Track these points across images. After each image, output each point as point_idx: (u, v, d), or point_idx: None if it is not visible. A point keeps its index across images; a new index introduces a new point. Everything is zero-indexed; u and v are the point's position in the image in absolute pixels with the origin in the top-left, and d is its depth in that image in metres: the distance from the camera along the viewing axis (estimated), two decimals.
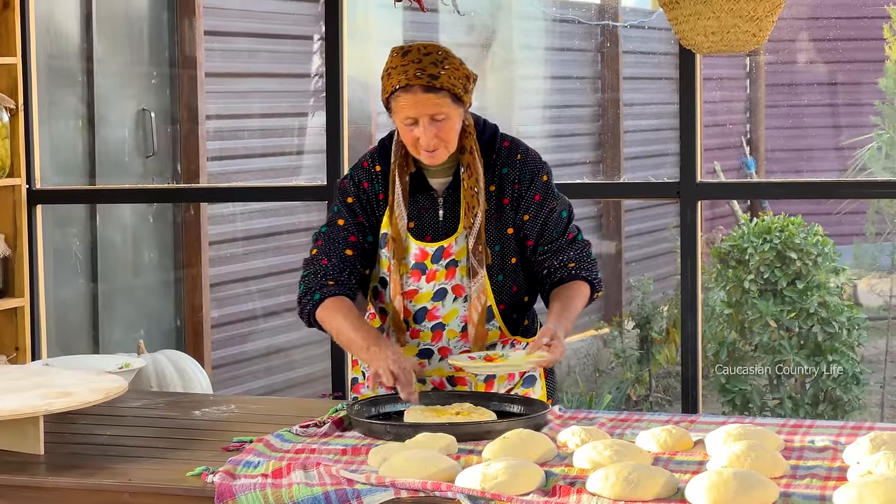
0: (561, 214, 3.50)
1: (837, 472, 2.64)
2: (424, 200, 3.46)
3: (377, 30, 7.26)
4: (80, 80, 6.25)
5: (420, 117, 3.33)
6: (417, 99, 3.32)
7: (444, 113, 3.33)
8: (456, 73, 3.35)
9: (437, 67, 3.32)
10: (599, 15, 8.54)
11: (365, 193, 3.49)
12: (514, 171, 3.46)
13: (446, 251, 3.43)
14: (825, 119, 8.52)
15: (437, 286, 3.44)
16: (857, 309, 7.05)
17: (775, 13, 3.68)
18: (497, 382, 3.48)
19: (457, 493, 2.55)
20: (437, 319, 3.45)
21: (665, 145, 8.36)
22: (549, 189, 3.49)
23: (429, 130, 3.33)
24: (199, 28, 6.62)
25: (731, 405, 6.79)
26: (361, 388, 3.60)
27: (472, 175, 3.40)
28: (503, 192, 3.45)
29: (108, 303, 6.40)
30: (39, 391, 3.13)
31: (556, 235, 3.48)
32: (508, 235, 3.46)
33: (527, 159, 3.48)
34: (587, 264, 3.50)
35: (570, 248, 3.49)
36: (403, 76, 3.32)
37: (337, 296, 3.42)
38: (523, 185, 3.46)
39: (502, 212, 3.45)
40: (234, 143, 6.95)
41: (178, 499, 2.72)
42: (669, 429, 2.90)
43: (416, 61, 3.32)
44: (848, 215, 8.05)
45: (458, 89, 3.34)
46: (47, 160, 5.85)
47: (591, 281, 3.49)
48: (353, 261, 3.46)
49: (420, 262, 3.44)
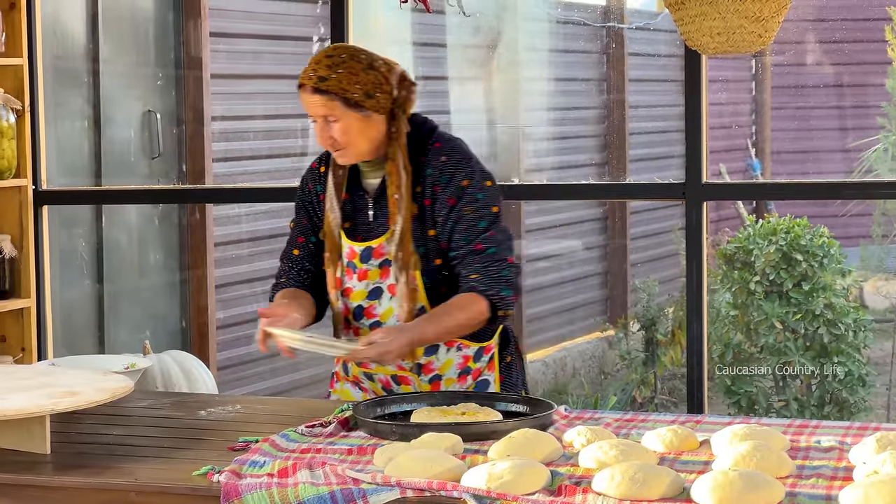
0: (476, 223, 3.41)
1: (843, 472, 2.64)
2: (358, 200, 3.50)
3: (386, 31, 7.27)
4: (86, 81, 6.26)
5: (314, 117, 3.41)
6: (309, 99, 3.40)
7: (336, 116, 3.37)
8: (353, 78, 3.35)
9: (330, 70, 3.35)
10: (605, 17, 8.54)
11: (309, 195, 3.59)
12: (436, 172, 3.44)
13: (376, 251, 3.45)
14: (831, 121, 8.51)
15: (370, 285, 3.47)
16: (863, 311, 7.05)
17: (781, 14, 3.68)
18: (444, 385, 3.50)
19: (462, 493, 2.55)
20: (374, 318, 3.49)
21: (670, 147, 8.36)
22: (464, 194, 3.41)
23: (324, 130, 3.40)
24: (205, 29, 6.63)
25: (736, 407, 6.79)
26: (335, 383, 3.65)
27: (392, 182, 3.41)
28: (425, 194, 3.44)
29: (113, 304, 6.41)
30: (45, 391, 3.13)
31: (464, 243, 3.40)
32: (430, 237, 3.45)
33: (450, 161, 3.44)
34: (490, 280, 3.36)
35: (475, 259, 3.39)
36: (303, 73, 3.40)
37: (285, 287, 3.58)
38: (441, 187, 3.43)
39: (424, 213, 3.44)
40: (239, 144, 6.95)
41: (184, 498, 2.73)
42: (675, 429, 2.90)
43: (317, 62, 3.39)
44: (854, 217, 8.05)
45: (350, 94, 3.35)
46: (53, 161, 5.85)
47: (489, 297, 3.36)
48: (300, 259, 3.60)
49: (350, 260, 3.49)
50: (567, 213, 8.54)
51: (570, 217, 8.57)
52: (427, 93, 7.63)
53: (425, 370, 3.50)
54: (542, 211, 8.30)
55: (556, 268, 8.52)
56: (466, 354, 3.51)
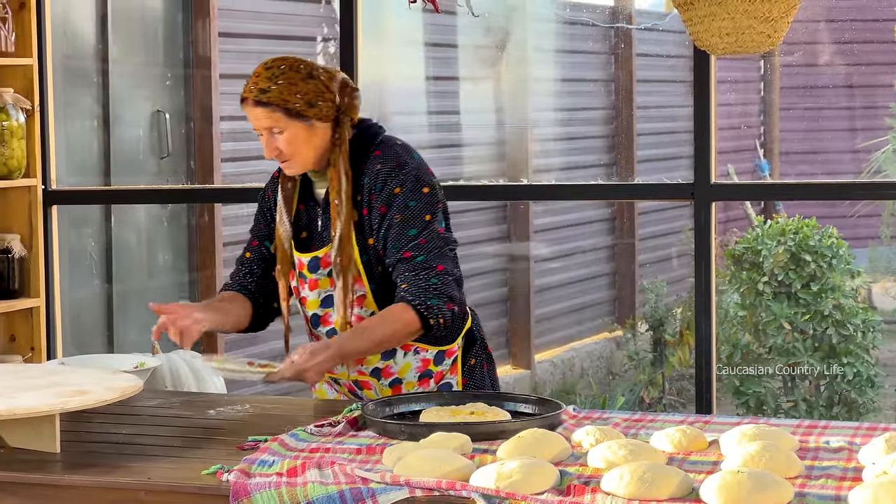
0: (405, 231, 3.40)
1: (853, 473, 2.64)
2: (311, 210, 3.54)
3: (398, 32, 7.28)
4: (96, 80, 6.27)
5: (259, 130, 3.43)
6: (252, 112, 3.42)
7: (279, 127, 3.39)
8: (292, 89, 3.37)
9: (270, 82, 3.37)
10: (613, 17, 8.54)
11: (268, 202, 3.65)
12: (372, 180, 3.44)
13: (323, 260, 3.47)
14: (840, 122, 8.50)
15: (322, 293, 3.49)
16: (872, 311, 7.05)
17: (790, 14, 3.68)
18: (405, 388, 3.51)
19: (471, 492, 2.56)
20: (329, 325, 3.51)
21: (678, 148, 8.36)
22: (394, 202, 3.40)
23: (269, 142, 3.42)
24: (214, 29, 6.64)
25: (745, 407, 6.79)
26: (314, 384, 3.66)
27: (333, 188, 3.43)
28: (363, 203, 3.45)
29: (122, 304, 6.42)
30: (55, 390, 3.14)
31: (394, 251, 3.40)
32: (370, 245, 3.45)
33: (384, 169, 3.43)
34: (419, 290, 3.34)
35: (404, 267, 3.38)
36: (245, 88, 3.42)
37: (225, 291, 3.65)
38: (375, 195, 3.43)
39: (363, 221, 3.45)
40: (247, 144, 6.96)
41: (193, 497, 2.73)
42: (684, 429, 2.90)
43: (257, 75, 3.41)
44: (863, 218, 8.03)
45: (292, 104, 3.37)
46: (63, 161, 5.87)
47: (416, 307, 3.33)
48: (249, 262, 3.66)
49: (300, 270, 3.52)
50: (575, 214, 8.54)
51: (579, 217, 8.58)
52: (438, 93, 7.64)
53: (384, 374, 3.51)
54: (551, 211, 8.31)
55: (564, 268, 8.53)
56: (426, 358, 3.52)
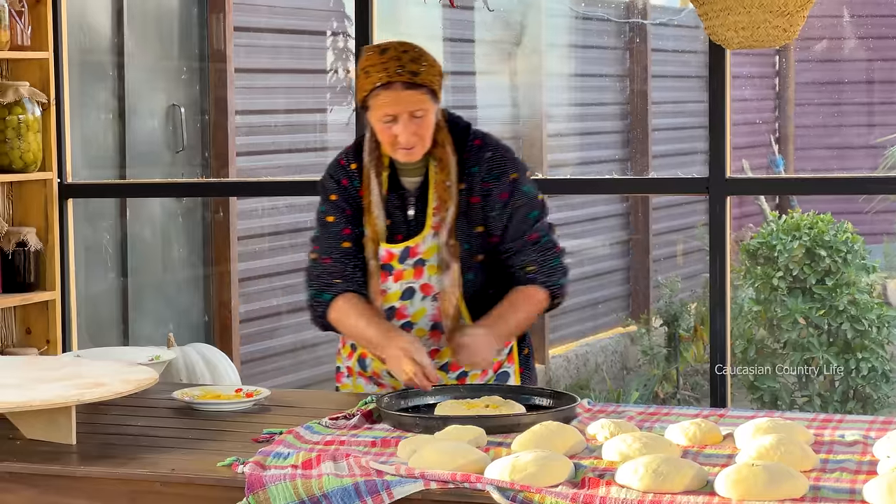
0: (528, 214, 3.46)
1: (867, 466, 2.64)
2: (396, 199, 3.48)
3: (415, 27, 7.28)
4: (111, 74, 6.29)
5: (400, 114, 3.34)
6: (399, 96, 3.33)
7: (424, 109, 3.36)
8: (433, 70, 3.38)
9: (417, 64, 3.35)
10: (628, 12, 8.53)
11: (346, 190, 3.51)
12: (483, 169, 3.45)
13: (412, 251, 3.45)
14: (855, 117, 8.48)
15: (404, 285, 3.46)
16: (887, 307, 7.03)
17: (806, 8, 3.67)
18: (469, 379, 3.51)
19: (486, 485, 2.56)
20: (405, 318, 3.48)
21: (693, 143, 8.35)
22: (516, 187, 3.46)
23: (408, 127, 3.35)
24: (229, 23, 6.65)
25: (759, 402, 6.78)
26: (343, 377, 3.65)
27: (443, 169, 3.42)
28: (472, 191, 3.45)
29: (137, 297, 6.43)
30: (71, 382, 3.15)
31: (519, 235, 3.45)
32: (476, 233, 3.46)
33: (495, 157, 3.46)
34: (547, 269, 3.46)
35: (532, 249, 3.45)
36: (384, 73, 3.33)
37: (346, 293, 3.45)
38: (491, 184, 3.44)
39: (471, 210, 3.45)
40: (262, 138, 6.97)
41: (208, 488, 2.74)
42: (698, 422, 2.90)
43: (396, 59, 3.34)
44: (878, 214, 8.01)
45: (435, 86, 3.37)
46: (78, 154, 5.88)
47: (548, 287, 3.46)
48: (353, 251, 3.48)
49: (387, 262, 3.46)
50: (590, 209, 8.53)
51: (594, 212, 8.57)
52: (455, 88, 7.65)
53: (452, 367, 3.50)
54: (566, 206, 8.30)
55: (578, 263, 8.52)
56: None
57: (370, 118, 3.41)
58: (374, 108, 3.37)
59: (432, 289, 3.46)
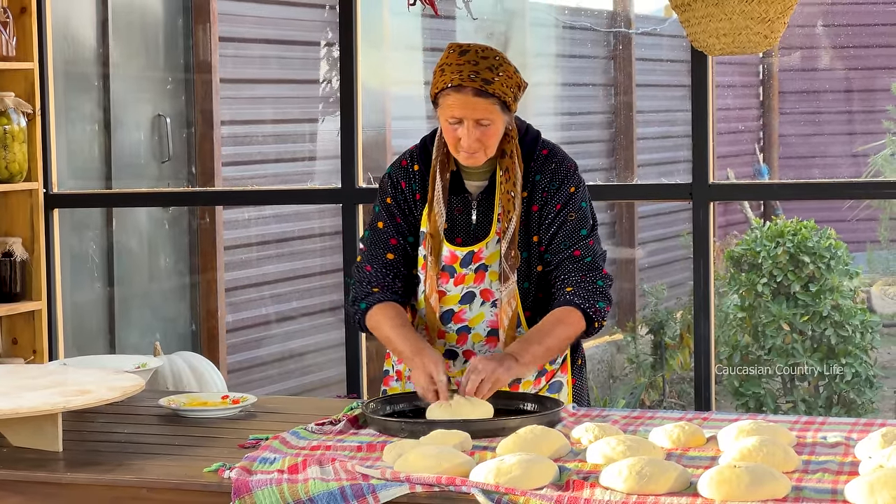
0: (578, 230, 3.42)
1: (849, 467, 2.66)
2: (459, 202, 3.45)
3: (396, 36, 7.29)
4: (97, 85, 6.29)
5: (466, 119, 3.31)
6: (467, 101, 3.30)
7: (491, 119, 3.31)
8: (509, 81, 3.33)
9: (492, 73, 3.30)
10: (612, 22, 8.56)
11: (402, 193, 3.48)
12: (546, 178, 3.44)
13: (476, 255, 3.42)
14: (838, 125, 8.52)
15: (465, 289, 3.43)
16: (871, 313, 7.06)
17: (787, 14, 3.70)
18: (521, 388, 3.47)
19: (471, 488, 2.57)
20: (463, 322, 3.45)
21: (677, 152, 8.37)
22: (571, 201, 3.43)
23: (472, 133, 3.32)
24: (214, 34, 6.66)
25: (744, 408, 6.80)
26: (391, 380, 3.61)
27: (509, 179, 3.39)
28: (533, 199, 3.43)
29: (124, 307, 6.43)
30: (57, 389, 3.16)
31: (563, 248, 3.40)
32: (534, 243, 3.44)
33: (559, 168, 3.45)
34: (586, 292, 3.37)
35: (574, 266, 3.39)
36: (457, 75, 3.29)
37: (382, 303, 3.44)
38: (550, 194, 3.43)
39: (530, 219, 3.43)
40: (248, 148, 6.98)
41: (195, 494, 2.75)
42: (682, 425, 2.92)
43: (473, 63, 3.30)
44: (861, 221, 8.04)
45: (508, 97, 3.32)
46: (64, 165, 5.89)
47: (584, 309, 3.36)
48: (395, 264, 3.47)
49: (449, 264, 3.43)
50: None
51: None
52: None
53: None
54: None
55: None
56: None
57: (439, 114, 3.39)
58: (443, 107, 3.34)
59: (492, 295, 3.43)
